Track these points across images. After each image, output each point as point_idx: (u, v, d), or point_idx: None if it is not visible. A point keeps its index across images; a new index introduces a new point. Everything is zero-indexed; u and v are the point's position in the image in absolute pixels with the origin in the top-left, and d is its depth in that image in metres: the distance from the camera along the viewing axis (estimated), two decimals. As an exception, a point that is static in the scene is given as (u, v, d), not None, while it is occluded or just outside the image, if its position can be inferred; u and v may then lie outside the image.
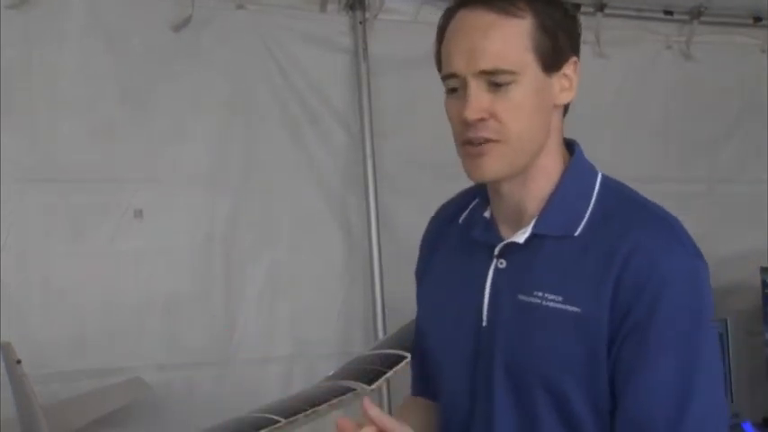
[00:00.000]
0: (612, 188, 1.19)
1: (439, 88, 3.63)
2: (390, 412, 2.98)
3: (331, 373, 2.34)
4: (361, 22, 3.03)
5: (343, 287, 3.08)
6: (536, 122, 1.13)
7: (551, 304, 1.11)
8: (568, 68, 1.15)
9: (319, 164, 3.04)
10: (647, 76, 3.46)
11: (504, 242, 1.17)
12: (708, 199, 3.47)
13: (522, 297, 1.13)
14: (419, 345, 1.33)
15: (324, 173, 3.05)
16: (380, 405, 3.01)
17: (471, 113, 1.10)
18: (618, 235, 1.10)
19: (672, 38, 3.47)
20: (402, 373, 2.19)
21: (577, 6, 3.32)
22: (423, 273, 1.36)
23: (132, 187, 2.79)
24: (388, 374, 2.15)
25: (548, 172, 1.16)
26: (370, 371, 2.18)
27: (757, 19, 3.51)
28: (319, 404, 2.05)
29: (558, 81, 1.14)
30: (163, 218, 2.82)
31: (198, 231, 2.88)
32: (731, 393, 3.18)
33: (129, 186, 2.79)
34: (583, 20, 3.73)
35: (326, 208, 3.06)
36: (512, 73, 1.10)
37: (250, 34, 2.94)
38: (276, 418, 2.04)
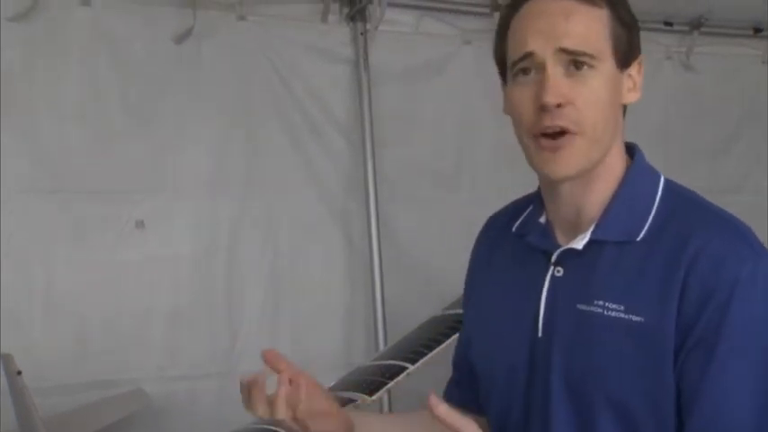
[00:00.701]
0: (676, 191, 1.12)
1: (439, 98, 3.62)
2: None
3: (332, 384, 2.33)
4: (362, 33, 3.04)
5: (345, 296, 3.08)
6: (610, 116, 1.07)
7: (613, 314, 1.04)
8: (634, 69, 1.10)
9: (321, 173, 3.05)
10: (647, 87, 3.45)
11: (562, 248, 1.10)
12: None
13: (581, 306, 1.06)
14: (466, 356, 1.26)
15: (325, 182, 3.05)
16: (381, 416, 3.00)
17: (552, 97, 1.03)
18: (682, 239, 1.03)
19: (672, 48, 3.48)
20: (403, 383, 2.19)
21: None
22: (472, 287, 1.29)
23: (134, 198, 2.80)
24: (389, 385, 2.15)
25: (611, 173, 1.10)
26: (371, 381, 2.17)
27: (757, 30, 3.52)
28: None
29: (626, 79, 1.10)
30: (165, 228, 2.82)
31: (200, 241, 2.88)
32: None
33: (131, 197, 2.79)
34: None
35: (328, 217, 3.06)
36: (593, 57, 1.04)
37: (252, 45, 2.95)
38: (276, 429, 2.03)
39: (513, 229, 1.20)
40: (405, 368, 2.16)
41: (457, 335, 2.23)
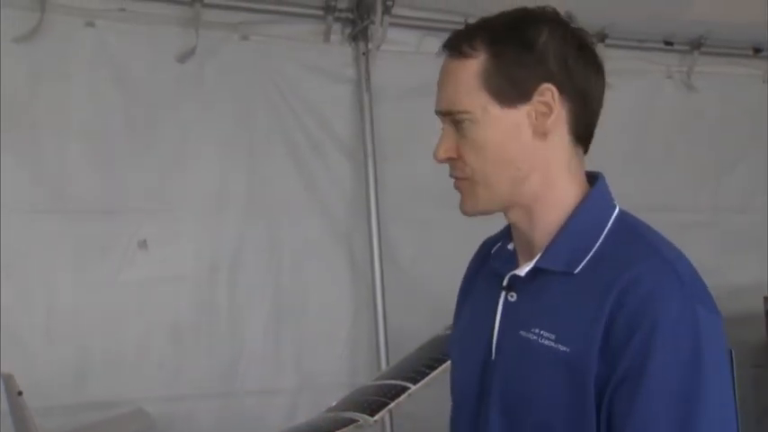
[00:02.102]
0: (627, 224, 1.14)
1: (441, 118, 3.57)
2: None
3: (333, 404, 2.33)
4: (364, 53, 3.06)
5: (348, 316, 3.07)
6: (505, 157, 1.11)
7: (545, 342, 1.07)
8: (542, 96, 1.10)
9: (323, 193, 3.05)
10: (649, 106, 3.48)
11: (509, 274, 1.15)
12: (713, 228, 3.47)
13: (522, 333, 1.10)
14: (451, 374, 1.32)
15: (328, 202, 3.05)
16: (383, 436, 2.99)
17: (437, 154, 1.15)
18: (616, 274, 1.05)
19: (673, 68, 3.50)
20: (405, 404, 2.18)
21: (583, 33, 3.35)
22: (459, 308, 1.33)
23: (137, 217, 2.80)
24: (390, 405, 2.14)
25: (558, 205, 1.13)
26: (372, 401, 2.16)
27: (757, 50, 3.54)
28: (323, 435, 2.04)
29: (529, 110, 1.10)
30: (167, 248, 2.82)
31: (202, 261, 2.88)
32: (737, 426, 3.14)
33: (133, 217, 2.79)
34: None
35: (331, 237, 3.06)
36: (466, 112, 1.11)
37: (254, 65, 2.97)
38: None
39: (492, 252, 1.25)
40: (407, 388, 2.16)
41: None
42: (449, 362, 2.19)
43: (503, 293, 1.15)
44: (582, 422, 1.04)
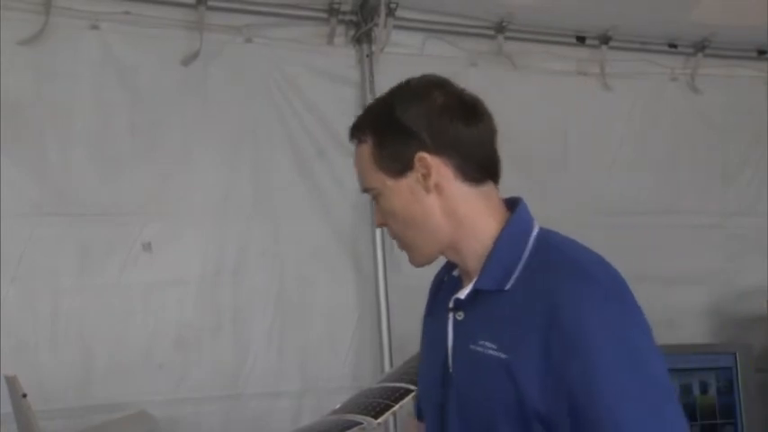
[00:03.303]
0: (546, 241, 1.29)
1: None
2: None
3: (338, 407, 2.32)
4: (367, 56, 3.06)
5: (353, 320, 3.07)
6: (413, 218, 1.31)
7: (490, 352, 1.23)
8: (420, 163, 1.29)
9: (327, 196, 3.04)
10: (653, 109, 3.48)
11: (453, 297, 1.32)
12: (718, 232, 3.46)
13: (471, 346, 1.26)
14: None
15: (332, 205, 3.05)
16: (387, 439, 2.98)
17: (375, 222, 1.38)
18: (541, 287, 1.21)
19: (677, 70, 3.49)
20: (409, 406, 2.18)
21: (582, 39, 3.35)
22: (423, 332, 1.50)
23: (141, 221, 2.79)
24: (394, 408, 2.13)
25: (477, 237, 1.30)
26: (376, 404, 2.16)
27: (762, 52, 3.53)
28: (326, 438, 2.04)
29: (416, 176, 1.29)
30: (172, 251, 2.82)
31: (207, 265, 2.88)
32: (742, 428, 3.14)
33: (137, 220, 2.79)
34: (588, 53, 3.78)
35: (335, 240, 3.06)
36: (372, 189, 1.34)
37: (258, 68, 2.97)
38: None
39: (445, 279, 1.43)
40: (411, 391, 2.15)
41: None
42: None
43: (451, 314, 1.32)
44: (520, 418, 1.19)
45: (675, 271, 3.36)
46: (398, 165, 1.30)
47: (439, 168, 1.29)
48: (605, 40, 3.31)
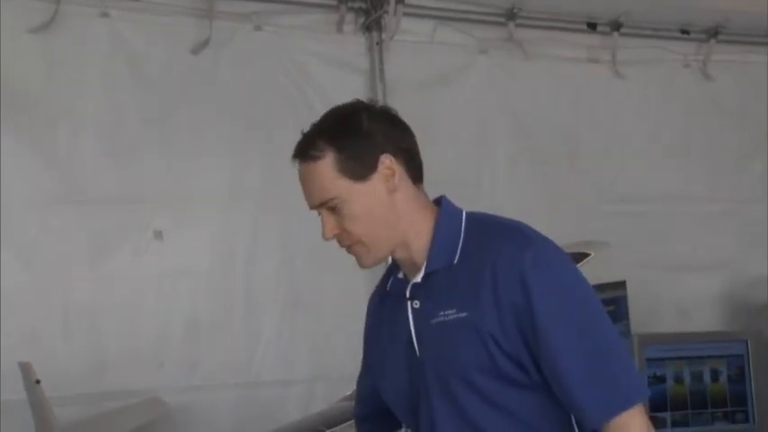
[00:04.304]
0: (474, 220, 1.48)
1: (455, 107, 3.62)
2: (406, 430, 2.98)
3: (349, 393, 2.33)
4: (377, 43, 3.05)
5: (363, 306, 3.05)
6: (376, 217, 1.43)
7: (450, 317, 1.40)
8: (384, 164, 1.42)
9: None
10: (666, 95, 3.45)
11: (410, 283, 1.46)
12: (731, 219, 3.44)
13: (433, 321, 1.42)
14: (372, 384, 1.63)
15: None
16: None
17: (325, 234, 1.47)
18: (483, 251, 1.41)
19: (690, 57, 3.46)
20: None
21: (594, 26, 3.33)
22: (368, 346, 1.67)
23: (152, 209, 2.80)
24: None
25: (422, 231, 1.46)
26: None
27: (775, 37, 3.50)
28: (336, 424, 2.05)
29: (379, 177, 1.42)
30: (183, 240, 2.83)
31: (218, 252, 2.89)
32: (753, 416, 3.13)
33: (148, 208, 2.80)
34: (599, 39, 3.74)
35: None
36: (333, 199, 1.42)
37: (268, 55, 2.96)
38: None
39: (388, 287, 1.56)
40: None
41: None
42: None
43: (408, 304, 1.46)
44: (491, 364, 1.37)
45: (688, 258, 3.35)
46: (363, 168, 1.41)
47: (399, 169, 1.43)
48: (617, 26, 3.29)
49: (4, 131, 2.59)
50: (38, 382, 2.22)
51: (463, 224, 1.47)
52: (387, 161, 1.42)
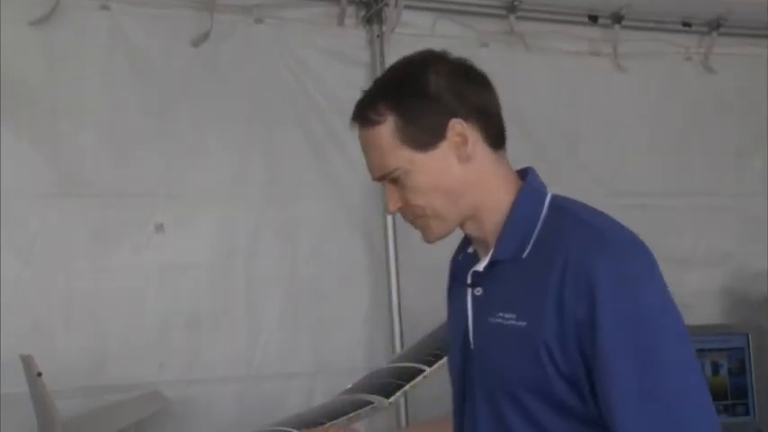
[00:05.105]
0: (559, 207, 1.29)
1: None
2: (408, 425, 2.99)
3: (349, 386, 2.33)
4: (378, 36, 3.04)
5: (365, 300, 3.07)
6: (444, 190, 1.28)
7: (508, 322, 1.23)
8: (454, 130, 1.26)
9: (339, 177, 3.04)
10: (667, 88, 3.45)
11: (471, 270, 1.32)
12: (733, 213, 3.44)
13: (490, 319, 1.27)
14: None
15: (344, 186, 3.04)
16: (398, 419, 2.99)
17: (387, 208, 1.34)
18: (555, 251, 1.21)
19: (692, 49, 3.45)
20: (420, 386, 2.19)
21: (595, 18, 3.32)
22: (447, 307, 1.50)
23: (153, 202, 2.80)
24: (405, 388, 2.14)
25: (496, 209, 1.29)
26: (388, 384, 2.17)
27: (778, 30, 3.49)
28: (337, 417, 2.05)
29: (449, 145, 1.27)
30: (184, 233, 2.82)
31: (219, 246, 2.88)
32: (754, 409, 3.14)
33: (150, 201, 2.80)
34: (600, 32, 3.74)
35: (347, 221, 3.05)
36: (395, 170, 1.28)
37: (269, 48, 2.96)
38: (293, 431, 2.03)
39: (459, 258, 1.42)
40: (422, 371, 2.16)
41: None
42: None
43: (469, 290, 1.32)
44: (544, 385, 1.20)
45: (689, 252, 3.35)
46: (428, 136, 1.26)
47: (473, 135, 1.27)
48: (618, 19, 3.28)
49: (3, 125, 2.58)
50: (39, 374, 2.22)
51: (545, 209, 1.28)
52: (457, 127, 1.26)
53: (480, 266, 1.30)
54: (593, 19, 3.32)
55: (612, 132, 3.36)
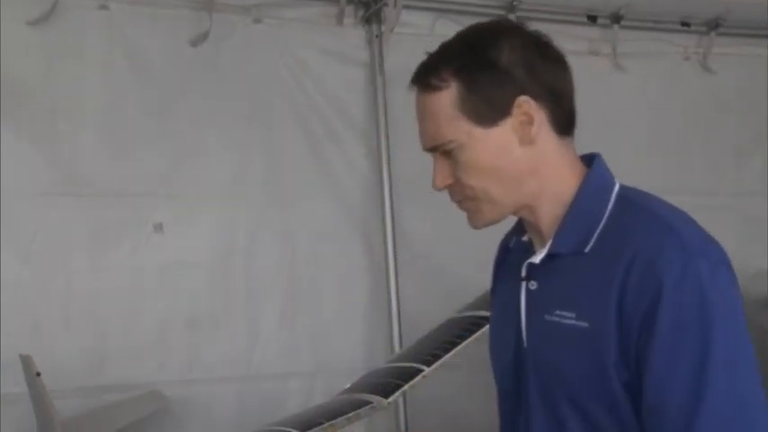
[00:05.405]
0: (628, 199, 1.18)
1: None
2: (406, 425, 2.99)
3: (348, 386, 2.33)
4: (377, 36, 3.04)
5: (364, 300, 3.07)
6: (501, 171, 1.17)
7: (567, 322, 1.13)
8: (520, 108, 1.15)
9: (338, 177, 3.04)
10: (666, 88, 3.45)
11: (526, 263, 1.21)
12: (733, 212, 3.43)
13: (547, 317, 1.17)
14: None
15: (343, 186, 3.05)
16: (397, 419, 2.99)
17: (435, 183, 1.22)
18: (622, 246, 1.11)
19: (690, 49, 3.45)
20: (419, 386, 2.19)
21: (594, 18, 3.32)
22: (491, 300, 1.40)
23: (152, 202, 2.80)
24: (404, 388, 2.14)
25: (557, 197, 1.19)
26: (386, 384, 2.17)
27: (776, 30, 3.49)
28: (336, 417, 2.05)
29: (512, 123, 1.16)
30: (183, 233, 2.83)
31: (218, 246, 2.89)
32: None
33: (149, 201, 2.80)
34: (599, 32, 3.73)
35: (346, 221, 3.05)
36: (450, 141, 1.16)
37: (268, 48, 2.96)
38: (292, 431, 2.04)
39: (511, 245, 1.32)
40: (421, 370, 2.16)
41: (471, 337, 2.23)
42: (462, 344, 2.21)
43: (523, 284, 1.21)
44: (606, 391, 1.10)
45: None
46: (492, 111, 1.15)
47: (540, 116, 1.16)
48: (617, 19, 3.28)
49: (3, 125, 2.58)
50: (38, 374, 2.22)
51: (612, 201, 1.17)
52: (525, 105, 1.15)
53: (537, 258, 1.19)
54: (593, 19, 3.32)
55: (611, 132, 3.35)
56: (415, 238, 3.08)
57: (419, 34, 3.09)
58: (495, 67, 1.15)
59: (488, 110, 1.15)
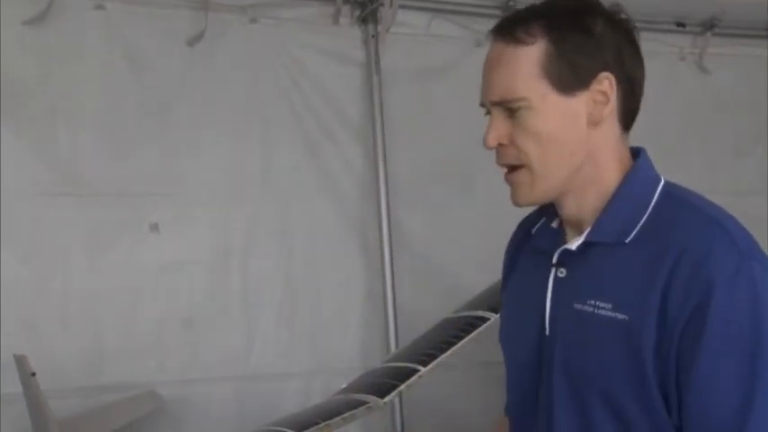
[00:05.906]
0: (673, 195, 1.16)
1: (451, 100, 3.62)
2: (402, 425, 2.99)
3: (344, 386, 2.34)
4: (373, 36, 3.04)
5: (360, 300, 3.07)
6: (562, 145, 1.12)
7: (602, 312, 1.09)
8: (600, 85, 1.12)
9: (335, 176, 3.04)
10: (662, 89, 3.45)
11: (560, 249, 1.17)
12: (733, 211, 3.42)
13: (577, 306, 1.12)
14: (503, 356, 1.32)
15: (340, 185, 3.05)
16: (393, 418, 3.00)
17: (487, 140, 1.14)
18: (668, 241, 1.08)
19: (686, 50, 3.46)
20: (415, 386, 2.19)
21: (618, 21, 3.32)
22: (503, 288, 1.35)
23: (150, 201, 2.80)
24: (400, 388, 2.14)
25: (603, 184, 1.15)
26: (383, 384, 2.17)
27: (771, 30, 3.49)
28: (332, 417, 2.05)
29: (587, 99, 1.12)
30: (180, 232, 2.83)
31: (215, 246, 2.89)
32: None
33: (146, 200, 2.80)
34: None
35: (343, 221, 3.06)
36: (522, 99, 1.10)
37: (264, 47, 2.96)
38: (288, 431, 2.04)
39: (533, 231, 1.26)
40: (417, 371, 2.16)
41: (467, 337, 2.23)
42: (458, 344, 2.21)
43: (552, 270, 1.17)
44: (642, 387, 1.06)
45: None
46: (575, 79, 1.10)
47: (614, 99, 1.13)
48: (612, 19, 3.28)
49: (3, 125, 2.58)
50: (33, 374, 2.22)
51: (657, 195, 1.15)
52: (605, 82, 1.11)
53: (573, 245, 1.14)
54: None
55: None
56: (411, 238, 3.09)
57: (415, 34, 3.09)
58: (588, 33, 1.11)
59: (571, 76, 1.10)
